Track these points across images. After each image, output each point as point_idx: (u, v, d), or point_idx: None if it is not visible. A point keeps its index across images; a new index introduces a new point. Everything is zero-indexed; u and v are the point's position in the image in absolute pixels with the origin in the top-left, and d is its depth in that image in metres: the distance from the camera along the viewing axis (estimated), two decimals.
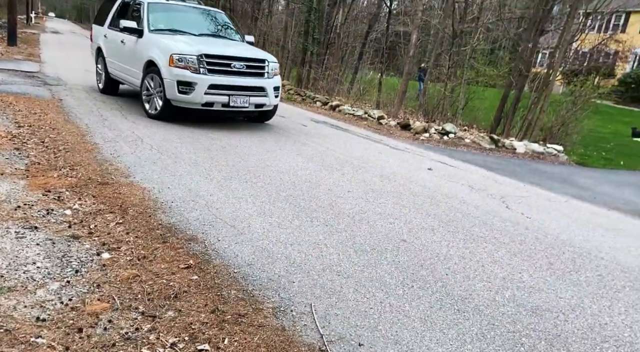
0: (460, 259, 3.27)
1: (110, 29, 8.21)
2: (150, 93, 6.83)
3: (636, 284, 3.24)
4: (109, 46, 8.16)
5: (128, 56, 7.40)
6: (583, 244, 4.02)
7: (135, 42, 7.18)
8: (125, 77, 7.62)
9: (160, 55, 6.54)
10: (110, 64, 8.04)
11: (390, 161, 6.62)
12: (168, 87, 6.43)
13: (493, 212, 4.69)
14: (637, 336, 2.50)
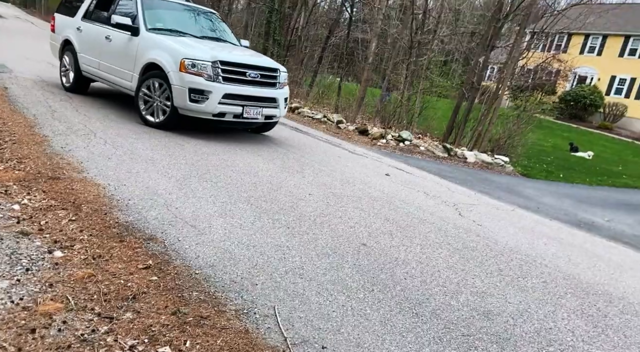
0: (418, 264, 3.37)
1: (86, 21, 7.42)
2: (150, 99, 6.24)
3: (576, 291, 3.46)
4: (83, 40, 7.36)
5: (116, 55, 6.72)
6: (529, 252, 4.25)
7: (128, 41, 6.52)
8: (109, 77, 6.89)
9: (168, 59, 5.99)
10: (85, 60, 7.26)
11: (349, 165, 6.71)
12: (177, 94, 5.91)
13: (447, 218, 4.87)
14: (578, 341, 2.68)
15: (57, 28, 8.07)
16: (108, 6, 7.32)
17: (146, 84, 6.20)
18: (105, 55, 6.91)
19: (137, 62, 6.36)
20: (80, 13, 7.63)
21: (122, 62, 6.62)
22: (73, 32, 7.57)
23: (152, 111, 6.26)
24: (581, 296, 3.37)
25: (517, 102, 17.44)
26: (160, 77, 6.07)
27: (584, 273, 3.95)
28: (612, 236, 5.90)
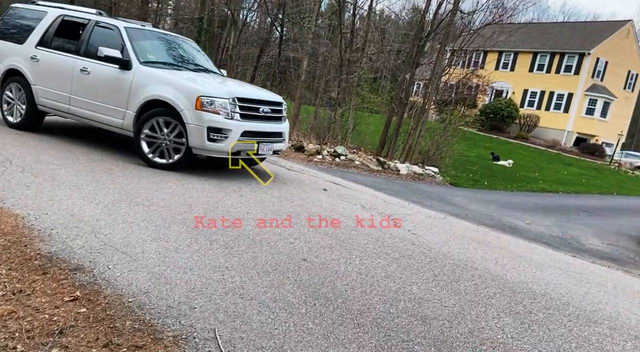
0: (358, 275, 3.43)
1: (44, 50, 6.63)
2: (156, 140, 5.79)
3: (504, 291, 3.69)
4: (42, 72, 6.59)
5: (98, 89, 6.16)
6: (460, 257, 4.47)
7: (117, 75, 5.99)
8: (86, 114, 6.28)
9: (179, 96, 5.65)
10: (46, 94, 6.53)
11: (286, 182, 6.72)
12: (193, 133, 5.58)
13: (384, 229, 5.01)
14: (508, 337, 2.85)
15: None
16: (75, 34, 6.77)
17: (149, 123, 5.78)
18: (80, 89, 6.30)
19: (133, 99, 5.89)
20: (33, 40, 6.79)
21: (109, 98, 6.09)
22: (23, 62, 6.73)
23: (161, 152, 5.85)
24: (509, 295, 3.59)
25: (442, 115, 18.36)
26: (168, 115, 5.72)
27: (510, 273, 4.22)
28: (533, 237, 6.36)
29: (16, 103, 6.83)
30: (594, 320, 3.38)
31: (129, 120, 5.94)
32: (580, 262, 5.35)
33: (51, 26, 6.79)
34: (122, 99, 5.98)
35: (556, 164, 20.04)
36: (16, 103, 6.83)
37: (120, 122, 6.02)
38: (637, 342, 3.12)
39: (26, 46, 6.82)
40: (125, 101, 5.96)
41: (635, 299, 4.20)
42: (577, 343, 2.91)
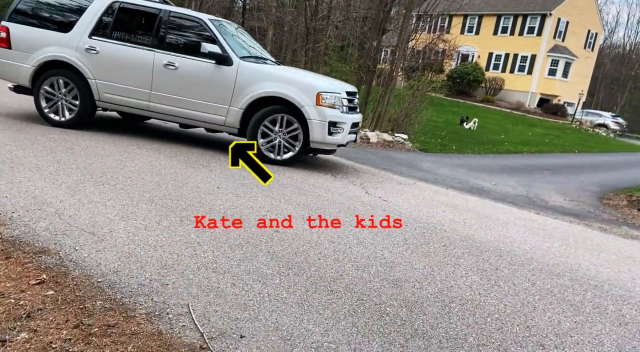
0: (330, 244, 3.47)
1: (106, 41, 6.08)
2: (272, 135, 5.94)
3: (472, 251, 3.81)
4: (106, 65, 6.07)
5: (194, 86, 5.99)
6: (429, 220, 4.58)
7: (216, 71, 5.91)
8: (178, 111, 6.08)
9: (297, 92, 5.77)
10: (112, 89, 6.11)
11: None
12: (315, 128, 5.78)
13: (355, 198, 5.06)
14: (475, 294, 2.96)
15: (20, 43, 6.16)
16: (140, 25, 6.44)
17: (269, 119, 5.88)
18: (165, 85, 6.04)
19: (239, 95, 5.90)
20: (82, 28, 6.12)
21: (207, 94, 5.98)
22: (74, 53, 6.06)
23: (273, 147, 5.99)
24: (476, 254, 3.72)
25: (410, 82, 18.39)
26: (285, 111, 5.87)
27: (477, 233, 4.36)
28: (499, 197, 6.55)
29: (62, 99, 6.18)
30: (556, 273, 3.55)
31: (234, 118, 5.95)
32: (544, 219, 5.56)
33: (106, 14, 6.20)
34: (224, 96, 5.94)
35: (521, 126, 20.54)
36: (62, 99, 6.18)
37: (222, 119, 6.02)
38: (596, 291, 3.30)
39: (74, 35, 6.12)
40: (229, 98, 5.93)
41: (595, 251, 4.42)
42: (540, 295, 3.06)
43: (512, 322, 2.62)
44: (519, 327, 2.58)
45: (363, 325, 2.36)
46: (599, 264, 3.95)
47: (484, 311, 2.72)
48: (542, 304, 2.93)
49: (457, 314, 2.63)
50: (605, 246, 4.68)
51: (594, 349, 2.45)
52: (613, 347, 2.51)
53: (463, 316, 2.63)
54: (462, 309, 2.71)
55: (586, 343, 2.50)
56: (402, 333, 2.34)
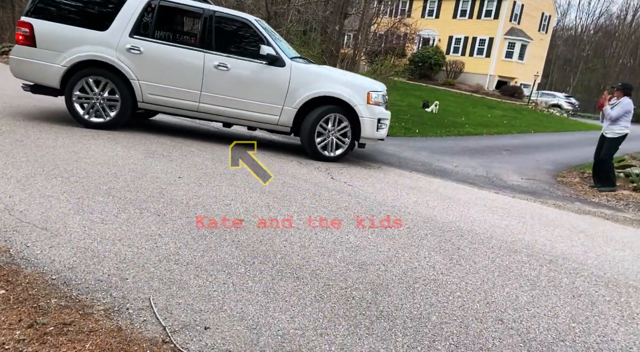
0: (296, 231, 3.46)
1: (150, 41, 5.97)
2: (325, 133, 6.27)
3: (435, 231, 3.89)
4: (151, 66, 5.96)
5: (246, 87, 6.10)
6: (394, 203, 4.64)
7: (268, 72, 6.10)
8: (229, 112, 6.18)
9: (350, 92, 6.14)
10: (157, 90, 6.03)
11: (221, 143, 6.54)
12: (367, 125, 6.20)
13: (320, 183, 5.06)
14: (438, 274, 3.03)
15: (46, 41, 5.77)
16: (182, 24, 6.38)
17: (323, 119, 6.18)
18: (217, 86, 6.09)
19: (293, 95, 6.14)
20: (122, 27, 5.90)
21: (259, 94, 6.14)
22: (114, 53, 5.85)
23: (325, 146, 6.33)
24: (439, 235, 3.80)
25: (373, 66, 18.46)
26: (338, 111, 6.18)
27: (440, 214, 4.45)
28: (461, 178, 6.71)
29: (99, 99, 5.97)
30: (514, 249, 3.68)
31: (288, 117, 6.18)
32: (503, 198, 5.74)
33: (145, 12, 6.04)
34: (278, 96, 6.13)
35: (480, 108, 21.04)
36: (99, 99, 5.97)
37: (276, 118, 6.21)
38: (551, 265, 3.44)
39: (113, 34, 5.89)
40: (283, 98, 6.13)
41: (550, 227, 4.61)
42: (499, 272, 3.16)
43: (472, 300, 2.70)
44: (480, 303, 2.66)
45: (329, 310, 2.37)
46: (554, 240, 4.12)
47: (446, 289, 2.79)
48: (501, 280, 3.03)
49: (421, 294, 2.69)
50: (560, 222, 4.88)
51: (550, 321, 2.56)
52: (567, 318, 2.62)
53: (426, 295, 2.68)
54: (426, 288, 2.77)
55: (542, 316, 2.61)
56: (367, 316, 2.37)
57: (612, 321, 2.66)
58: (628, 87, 7.21)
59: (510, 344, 2.27)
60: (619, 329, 2.57)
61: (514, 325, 2.46)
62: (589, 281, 3.24)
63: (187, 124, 8.04)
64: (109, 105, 6.01)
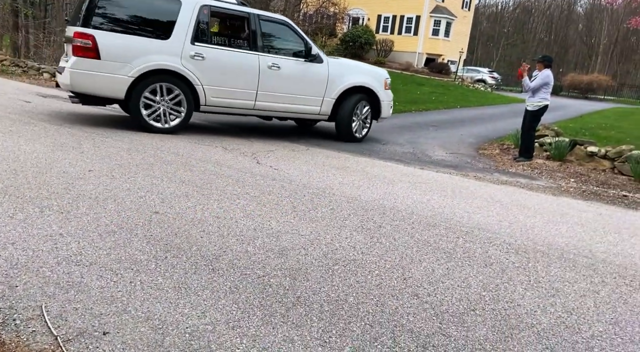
0: (215, 220, 3.34)
1: (210, 47, 6.28)
2: (356, 118, 7.40)
3: (358, 211, 3.92)
4: (214, 70, 6.27)
5: (294, 83, 6.83)
6: (319, 185, 4.62)
7: (311, 68, 6.92)
8: (280, 107, 6.88)
9: (373, 80, 7.37)
10: (219, 93, 6.40)
11: (139, 131, 6.20)
12: (385, 107, 7.59)
13: (245, 169, 4.93)
14: (358, 253, 3.05)
15: (111, 52, 5.76)
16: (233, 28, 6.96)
17: (356, 106, 7.27)
18: (270, 85, 6.67)
19: (331, 87, 7.04)
20: (182, 35, 6.09)
21: (304, 89, 6.89)
22: (178, 61, 6.05)
23: (356, 129, 7.51)
24: (361, 214, 3.83)
25: None
26: (364, 99, 7.37)
27: (365, 193, 4.49)
28: (388, 156, 6.83)
29: (164, 106, 6.17)
30: (433, 224, 3.79)
31: (327, 107, 7.10)
32: (427, 173, 5.92)
33: (198, 18, 6.22)
34: (319, 89, 6.97)
35: (410, 85, 21.56)
36: (164, 106, 6.17)
37: (318, 109, 7.07)
38: (467, 236, 3.58)
39: (175, 42, 6.07)
40: (323, 90, 6.99)
41: (469, 198, 4.80)
42: (417, 247, 3.24)
43: (390, 277, 2.74)
44: (397, 280, 2.71)
45: (244, 301, 2.30)
46: (472, 211, 4.30)
47: (365, 269, 2.81)
48: (418, 255, 3.11)
49: (340, 276, 2.69)
50: (479, 193, 5.11)
51: (462, 291, 2.66)
52: (479, 287, 2.74)
53: (345, 277, 2.69)
54: (345, 270, 2.77)
55: (456, 287, 2.70)
56: (283, 303, 2.32)
57: (520, 286, 2.81)
58: (548, 58, 7.55)
59: (424, 318, 2.32)
60: (525, 293, 2.72)
61: (428, 299, 2.53)
62: (501, 249, 3.40)
63: (104, 112, 7.54)
64: (175, 111, 6.25)
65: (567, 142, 7.84)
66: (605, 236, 4.02)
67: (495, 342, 2.19)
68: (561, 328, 2.36)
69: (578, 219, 4.54)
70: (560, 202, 5.21)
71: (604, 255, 3.50)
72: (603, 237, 3.99)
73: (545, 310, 2.54)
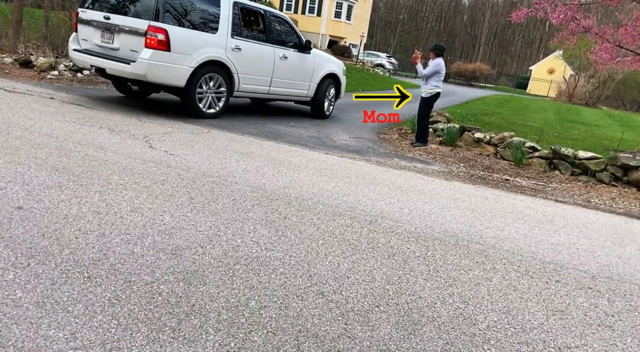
0: (95, 216, 2.91)
1: (243, 40, 7.19)
2: (328, 98, 9.12)
3: (263, 201, 3.70)
4: (245, 61, 7.25)
5: (293, 71, 8.10)
6: (220, 172, 4.31)
7: (304, 58, 8.35)
8: (281, 91, 8.11)
9: (338, 69, 9.18)
10: (247, 80, 7.41)
11: (3, 108, 5.35)
12: (342, 89, 9.50)
13: (135, 154, 4.44)
14: (262, 249, 2.84)
15: (178, 45, 6.34)
16: (254, 23, 7.65)
17: (327, 89, 8.97)
18: (280, 73, 7.84)
19: (315, 74, 8.58)
20: (227, 29, 6.96)
21: (300, 76, 8.28)
22: (224, 52, 6.92)
23: (327, 107, 9.24)
24: (266, 205, 3.62)
25: None
26: (332, 83, 9.06)
27: (269, 182, 4.28)
28: (293, 140, 6.66)
29: (210, 92, 6.97)
30: (339, 213, 3.71)
31: (312, 90, 8.65)
32: (332, 159, 5.86)
33: (234, 14, 7.05)
34: (308, 76, 8.45)
35: None
36: (210, 92, 6.97)
37: (305, 92, 8.58)
38: (371, 226, 3.55)
39: (221, 36, 6.88)
40: (310, 77, 8.49)
41: (372, 185, 4.82)
42: (323, 239, 3.12)
43: (295, 274, 2.58)
44: (302, 278, 2.56)
45: (126, 315, 1.99)
46: (375, 198, 4.31)
47: (269, 267, 2.62)
48: (324, 248, 2.99)
49: (241, 277, 2.47)
50: (380, 179, 5.16)
51: (367, 286, 2.59)
52: (383, 280, 2.69)
53: (247, 277, 2.47)
54: (247, 269, 2.56)
55: (360, 282, 2.63)
56: (175, 314, 2.05)
57: (421, 277, 2.82)
58: (438, 47, 7.85)
59: (329, 319, 2.21)
60: (426, 284, 2.73)
61: (333, 297, 2.42)
62: (402, 237, 3.42)
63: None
64: (217, 98, 7.09)
65: (457, 129, 8.32)
66: (493, 221, 4.26)
67: (399, 340, 2.14)
68: (459, 320, 2.39)
69: (469, 203, 4.77)
70: (452, 186, 5.47)
71: (494, 241, 3.69)
72: (491, 221, 4.23)
73: (444, 301, 2.56)
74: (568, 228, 4.39)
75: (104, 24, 6.50)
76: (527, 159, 7.44)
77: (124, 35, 6.39)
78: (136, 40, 6.25)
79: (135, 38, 6.26)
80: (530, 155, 7.50)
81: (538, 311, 2.62)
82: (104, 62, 6.46)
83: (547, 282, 3.04)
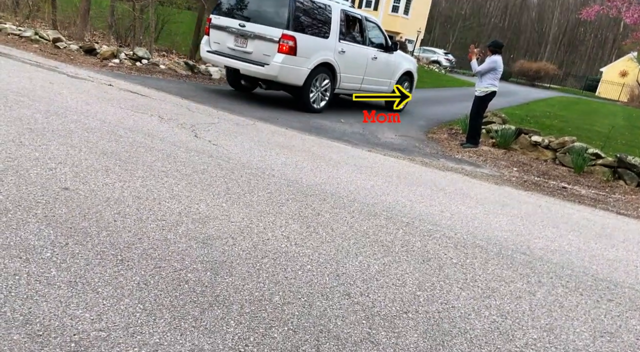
0: (135, 200, 3.00)
1: (346, 43, 8.11)
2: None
3: (297, 196, 3.68)
4: (347, 61, 8.16)
5: (379, 69, 8.99)
6: (259, 164, 4.33)
7: (389, 58, 9.22)
8: (370, 88, 9.02)
9: (413, 66, 10.08)
10: (347, 78, 8.33)
11: (64, 93, 5.61)
12: (414, 85, 10.31)
13: (180, 142, 4.55)
14: (292, 245, 2.82)
15: (302, 50, 7.29)
16: (353, 27, 8.56)
17: (402, 85, 9.77)
18: (370, 72, 8.75)
19: (395, 73, 9.49)
20: (335, 34, 7.84)
21: (384, 74, 9.18)
22: (333, 55, 7.82)
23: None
24: (301, 200, 3.60)
25: None
26: (406, 79, 9.91)
27: (307, 176, 4.25)
28: (336, 136, 6.60)
29: (319, 91, 7.90)
30: (374, 213, 3.62)
31: (392, 87, 9.53)
32: (374, 156, 5.75)
33: (341, 20, 7.98)
34: (390, 74, 9.36)
35: None
36: (319, 91, 7.90)
37: (387, 88, 9.45)
38: (407, 228, 3.44)
39: (332, 40, 7.81)
40: (391, 75, 9.41)
41: (413, 185, 4.68)
42: (355, 239, 3.05)
43: (322, 273, 2.54)
44: (329, 276, 2.51)
45: (152, 300, 2.02)
46: (414, 200, 4.17)
47: (297, 263, 2.59)
48: (355, 248, 2.92)
49: (268, 271, 2.45)
50: (423, 180, 5.00)
51: (397, 290, 2.50)
52: (414, 286, 2.59)
53: (274, 272, 2.46)
54: (274, 264, 2.54)
55: (390, 285, 2.54)
56: (198, 303, 2.06)
57: (456, 285, 2.69)
58: (496, 44, 7.46)
59: (353, 322, 2.14)
60: (460, 293, 2.61)
61: (360, 299, 2.35)
62: (440, 242, 3.29)
63: (31, 69, 6.79)
64: (323, 94, 8.01)
65: (513, 131, 7.93)
66: (544, 230, 4.02)
67: (426, 350, 2.04)
68: (494, 335, 2.26)
69: (518, 210, 4.53)
70: (502, 191, 5.22)
71: (542, 252, 3.47)
72: (541, 231, 3.98)
73: (479, 313, 2.43)
74: (628, 243, 4.07)
75: (239, 30, 7.47)
76: (589, 167, 6.98)
77: (257, 41, 7.32)
78: (269, 46, 7.21)
79: (268, 44, 7.22)
80: (593, 162, 7.03)
81: (585, 331, 2.44)
82: (237, 63, 7.50)
83: (598, 301, 2.82)
